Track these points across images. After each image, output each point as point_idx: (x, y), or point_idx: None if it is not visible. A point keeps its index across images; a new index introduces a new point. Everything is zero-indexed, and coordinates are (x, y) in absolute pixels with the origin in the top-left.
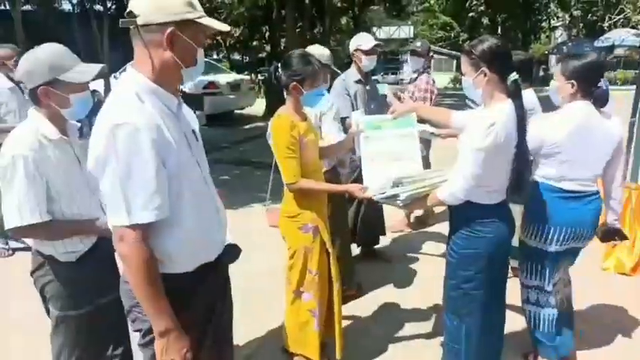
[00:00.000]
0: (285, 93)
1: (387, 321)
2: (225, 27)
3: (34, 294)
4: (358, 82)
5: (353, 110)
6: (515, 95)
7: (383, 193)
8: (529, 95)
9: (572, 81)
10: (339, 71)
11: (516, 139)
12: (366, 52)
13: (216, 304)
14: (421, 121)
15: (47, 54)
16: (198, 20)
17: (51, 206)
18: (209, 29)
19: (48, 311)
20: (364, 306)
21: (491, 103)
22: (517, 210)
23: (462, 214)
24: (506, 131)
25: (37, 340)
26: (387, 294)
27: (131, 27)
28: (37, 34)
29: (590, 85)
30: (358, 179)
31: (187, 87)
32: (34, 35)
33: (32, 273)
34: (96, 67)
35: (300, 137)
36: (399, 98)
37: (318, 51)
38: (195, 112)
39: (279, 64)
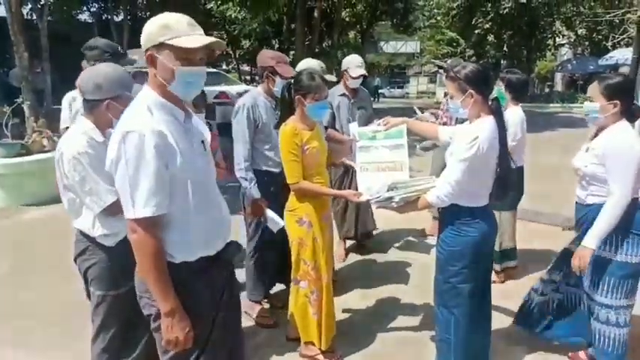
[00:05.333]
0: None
1: (381, 313)
2: (193, 44)
3: None
4: (342, 95)
5: (335, 119)
6: (496, 112)
7: (378, 197)
8: (518, 111)
9: (616, 101)
10: (334, 78)
11: (498, 150)
12: (352, 77)
13: (222, 294)
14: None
15: (115, 73)
16: (168, 42)
17: None
18: (181, 49)
19: (88, 293)
20: (358, 298)
21: (476, 120)
22: (504, 217)
23: (450, 216)
24: (488, 144)
25: None
26: (382, 288)
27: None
28: (61, 44)
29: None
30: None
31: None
32: (58, 45)
33: (76, 258)
34: None
35: (302, 144)
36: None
37: (311, 63)
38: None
39: (292, 81)
